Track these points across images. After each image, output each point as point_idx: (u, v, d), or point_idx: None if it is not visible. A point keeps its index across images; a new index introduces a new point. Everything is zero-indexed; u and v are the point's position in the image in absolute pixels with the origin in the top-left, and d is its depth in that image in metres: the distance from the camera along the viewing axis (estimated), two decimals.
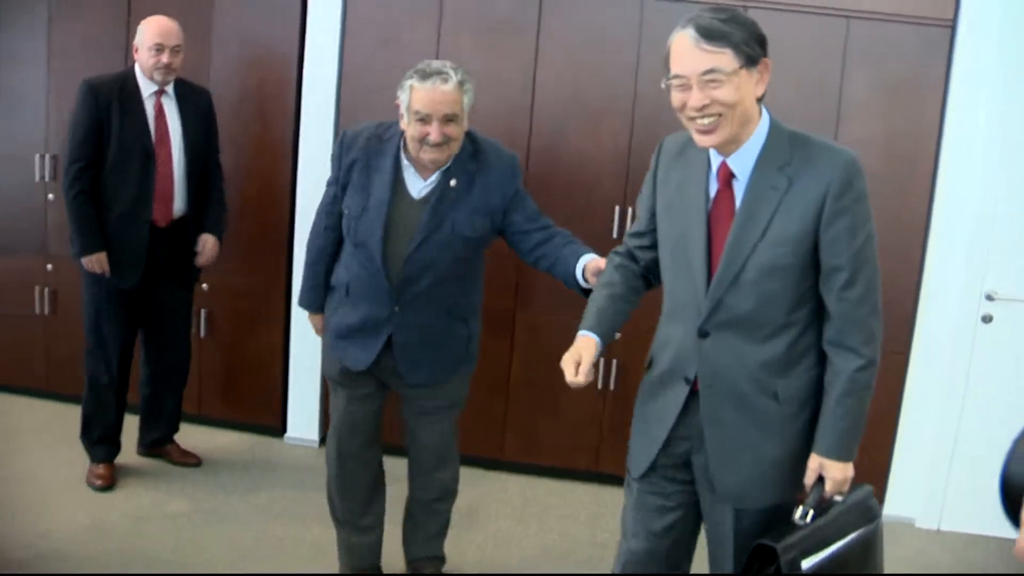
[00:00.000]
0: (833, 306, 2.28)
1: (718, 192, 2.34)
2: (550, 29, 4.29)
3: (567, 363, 2.41)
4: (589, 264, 2.89)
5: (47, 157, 4.77)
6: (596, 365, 2.47)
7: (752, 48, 2.19)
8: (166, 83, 4.02)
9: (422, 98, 2.91)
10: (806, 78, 4.14)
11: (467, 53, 4.23)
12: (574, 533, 4.13)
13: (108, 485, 4.17)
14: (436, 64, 2.97)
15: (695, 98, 2.20)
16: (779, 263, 2.26)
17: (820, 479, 2.34)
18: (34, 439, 4.65)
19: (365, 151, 3.10)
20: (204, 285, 4.63)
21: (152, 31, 3.96)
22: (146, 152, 3.99)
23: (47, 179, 4.76)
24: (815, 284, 2.30)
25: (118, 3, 4.62)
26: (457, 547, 3.78)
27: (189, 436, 4.60)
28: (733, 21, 2.19)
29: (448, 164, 3.04)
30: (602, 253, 2.86)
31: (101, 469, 4.20)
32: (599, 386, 4.45)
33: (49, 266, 4.50)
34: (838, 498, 2.36)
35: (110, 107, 3.93)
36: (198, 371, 4.68)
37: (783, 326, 2.32)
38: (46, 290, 4.90)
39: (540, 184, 4.23)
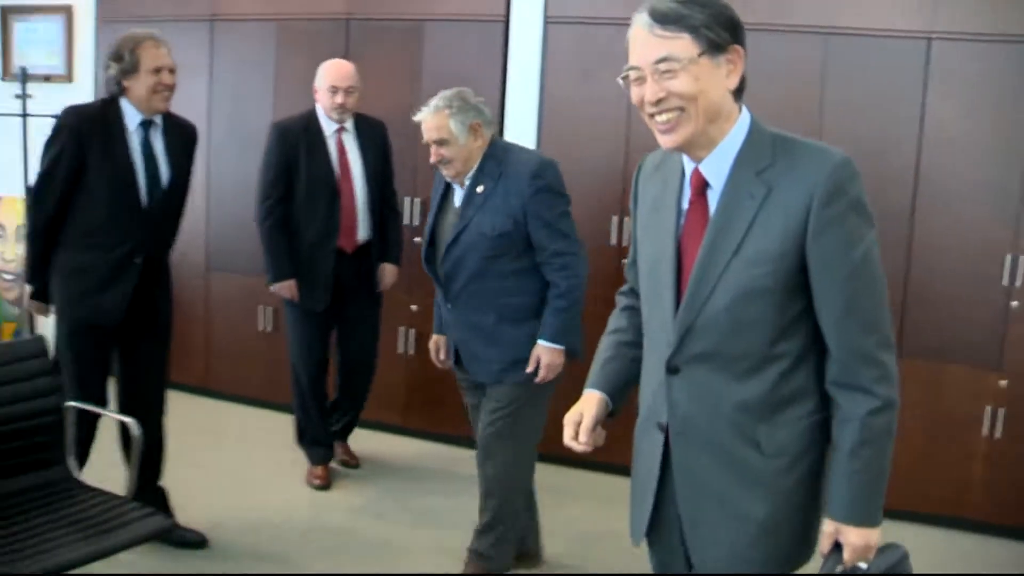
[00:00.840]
0: (832, 338, 1.90)
1: (690, 203, 1.99)
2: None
3: (567, 424, 2.13)
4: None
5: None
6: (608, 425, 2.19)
7: (716, 32, 1.85)
8: (343, 121, 4.37)
9: (423, 129, 3.40)
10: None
11: None
12: None
13: (325, 485, 4.55)
14: (434, 98, 3.40)
15: (649, 91, 1.88)
16: (756, 285, 1.88)
17: (837, 546, 1.95)
18: (257, 443, 5.12)
19: (438, 172, 3.54)
20: (413, 307, 4.99)
21: (328, 75, 4.35)
22: (331, 187, 4.35)
23: None
24: (808, 310, 1.92)
25: (335, 43, 5.06)
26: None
27: (393, 445, 4.97)
28: (694, 2, 1.86)
29: (473, 174, 3.41)
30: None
31: (319, 471, 4.58)
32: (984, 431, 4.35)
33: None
34: (863, 565, 1.94)
35: (297, 147, 4.32)
36: (405, 385, 5.04)
37: (766, 360, 1.93)
38: (268, 309, 5.38)
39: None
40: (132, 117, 3.58)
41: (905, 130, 4.22)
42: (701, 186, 1.96)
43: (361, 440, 4.97)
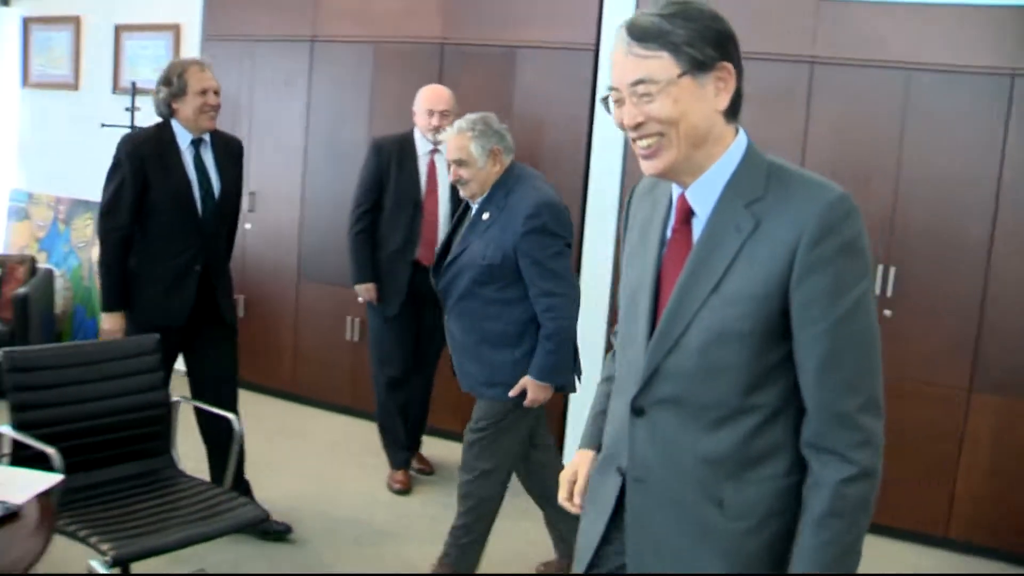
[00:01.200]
0: (809, 395, 1.69)
1: (673, 232, 1.82)
2: (820, 98, 4.56)
3: (562, 483, 2.07)
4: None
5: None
6: None
7: (700, 50, 1.67)
8: (438, 143, 4.54)
9: (446, 148, 3.63)
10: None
11: (747, 119, 4.58)
12: None
13: (406, 489, 4.75)
14: (459, 119, 3.59)
15: (627, 115, 1.73)
16: (732, 327, 1.69)
17: None
18: (339, 447, 5.33)
19: None
20: None
21: (425, 98, 4.59)
22: (416, 203, 4.60)
23: None
24: (788, 358, 1.71)
25: (430, 67, 5.28)
26: None
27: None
28: (678, 16, 1.68)
29: (482, 200, 3.56)
30: None
31: (399, 475, 4.79)
32: None
33: (360, 298, 5.10)
34: None
35: (390, 163, 4.60)
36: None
37: (738, 412, 1.72)
38: (356, 320, 5.60)
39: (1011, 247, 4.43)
40: (183, 136, 3.88)
41: (985, 166, 4.28)
42: (686, 214, 1.79)
43: (434, 447, 5.17)
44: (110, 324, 3.89)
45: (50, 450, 2.93)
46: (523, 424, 3.61)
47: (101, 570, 3.35)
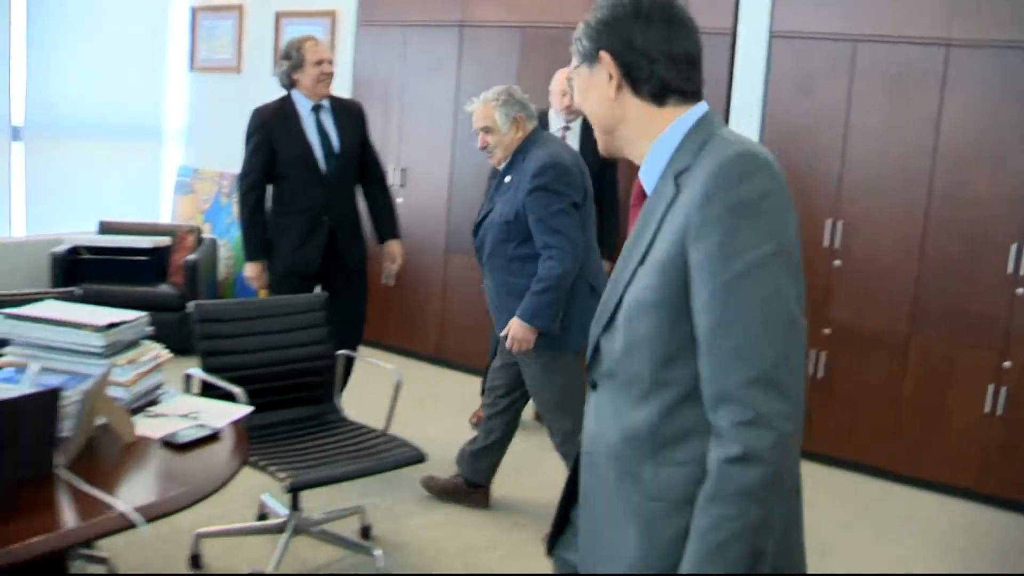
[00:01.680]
0: (701, 367, 1.57)
1: (632, 211, 1.81)
2: (955, 81, 4.66)
3: None
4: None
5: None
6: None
7: (582, 44, 1.75)
8: (570, 120, 4.91)
9: (472, 118, 3.87)
10: None
11: (877, 102, 4.75)
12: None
13: None
14: (485, 91, 3.86)
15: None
16: (646, 297, 1.62)
17: None
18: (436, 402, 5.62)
19: None
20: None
21: (558, 80, 4.93)
22: None
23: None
24: None
25: (508, 59, 5.59)
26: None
27: None
28: (592, 10, 1.76)
29: (505, 164, 3.83)
30: (997, 289, 3.28)
31: None
32: (987, 409, 4.70)
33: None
34: None
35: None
36: None
37: (656, 386, 1.64)
38: None
39: (941, 221, 4.69)
40: (304, 104, 4.47)
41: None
42: (641, 195, 1.93)
43: None
44: (251, 271, 4.54)
45: (236, 389, 3.28)
46: (562, 361, 3.83)
47: (275, 504, 3.75)
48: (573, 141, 4.87)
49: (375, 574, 3.56)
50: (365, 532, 3.88)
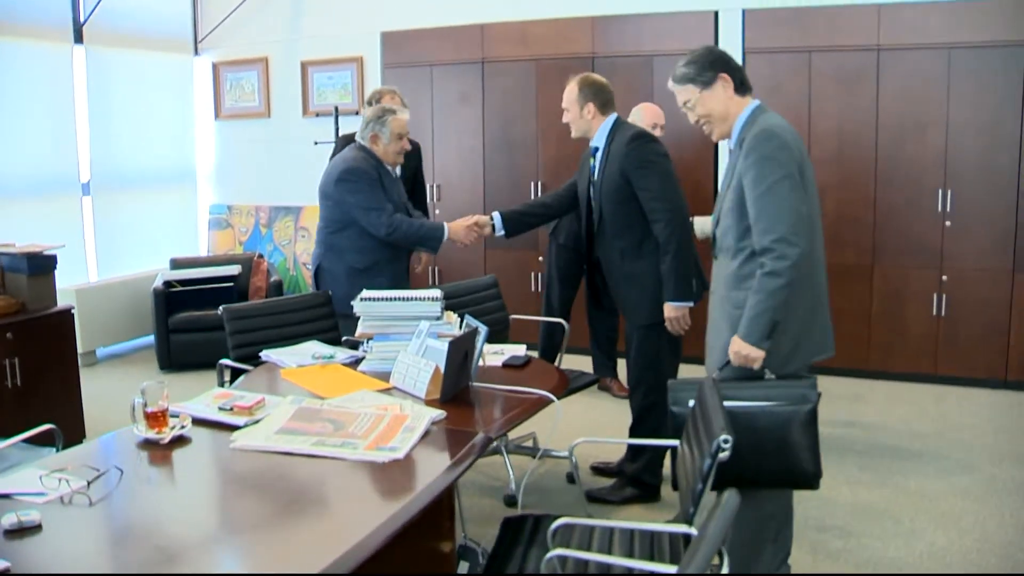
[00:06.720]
0: (753, 235, 3.02)
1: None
2: (886, 75, 6.24)
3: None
4: None
5: (539, 183, 7.15)
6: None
7: (697, 79, 3.17)
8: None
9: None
10: None
11: (831, 95, 6.37)
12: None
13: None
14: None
15: (691, 117, 3.21)
16: (729, 205, 3.12)
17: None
18: None
19: None
20: None
21: (650, 113, 5.47)
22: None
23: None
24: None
25: (527, 87, 6.57)
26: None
27: None
28: (690, 63, 3.20)
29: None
30: (932, 223, 5.48)
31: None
32: (934, 313, 6.33)
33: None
34: (770, 376, 3.01)
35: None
36: None
37: (736, 250, 3.11)
38: (538, 274, 7.27)
39: (886, 178, 6.29)
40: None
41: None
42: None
43: None
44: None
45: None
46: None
47: None
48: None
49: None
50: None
